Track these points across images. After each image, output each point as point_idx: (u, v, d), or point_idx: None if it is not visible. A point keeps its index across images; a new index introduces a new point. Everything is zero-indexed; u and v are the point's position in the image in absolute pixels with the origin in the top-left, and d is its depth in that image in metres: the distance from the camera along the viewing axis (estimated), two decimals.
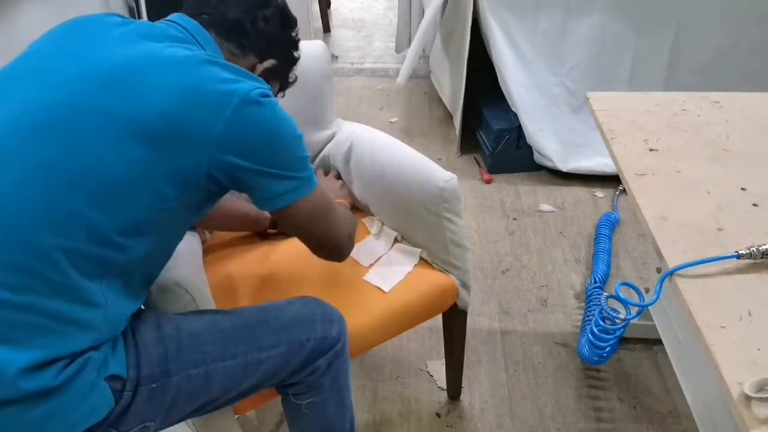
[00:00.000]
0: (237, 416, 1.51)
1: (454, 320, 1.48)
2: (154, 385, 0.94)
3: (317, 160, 1.59)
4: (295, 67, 1.17)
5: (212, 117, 0.89)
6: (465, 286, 1.40)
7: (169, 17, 1.06)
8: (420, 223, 1.38)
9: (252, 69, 1.05)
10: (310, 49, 1.54)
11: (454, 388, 1.62)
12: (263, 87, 0.95)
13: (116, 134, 0.86)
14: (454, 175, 1.32)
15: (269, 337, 1.04)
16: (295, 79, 1.19)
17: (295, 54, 1.16)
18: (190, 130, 0.88)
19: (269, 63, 1.08)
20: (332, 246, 1.09)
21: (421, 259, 1.40)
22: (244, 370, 1.02)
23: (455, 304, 1.42)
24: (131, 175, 0.87)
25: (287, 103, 1.47)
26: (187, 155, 0.89)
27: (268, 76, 1.08)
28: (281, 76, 1.15)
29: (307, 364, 1.08)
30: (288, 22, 1.12)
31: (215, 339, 1.01)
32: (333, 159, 1.57)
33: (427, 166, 1.36)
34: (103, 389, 0.89)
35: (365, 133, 1.54)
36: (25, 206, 0.83)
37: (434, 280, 1.36)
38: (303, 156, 1.01)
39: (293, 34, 1.14)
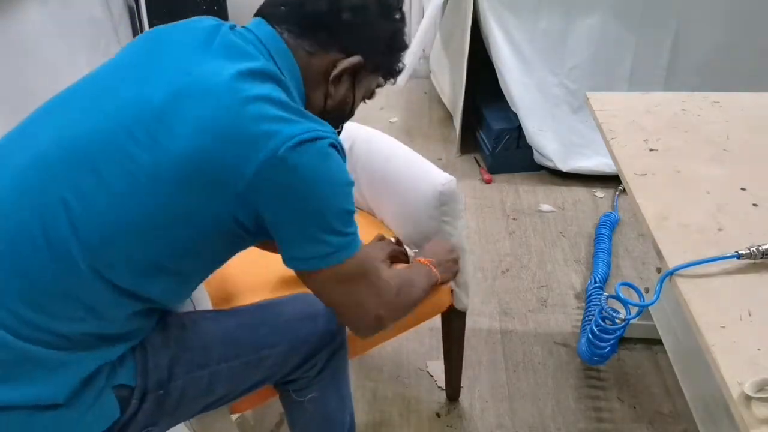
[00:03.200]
0: (237, 416, 1.51)
1: (453, 321, 1.47)
2: (161, 391, 0.92)
3: None
4: (394, 69, 1.02)
5: (243, 161, 0.80)
6: (463, 287, 1.40)
7: (250, 23, 0.95)
8: (419, 224, 1.38)
9: (332, 66, 0.93)
10: None
11: (453, 389, 1.62)
12: (321, 130, 0.85)
13: (140, 177, 0.81)
14: (453, 178, 1.32)
15: (271, 336, 1.03)
16: (388, 82, 1.04)
17: (395, 53, 1.00)
18: (218, 174, 0.81)
19: (355, 60, 0.93)
20: (349, 322, 1.01)
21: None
22: (247, 369, 1.01)
23: (453, 306, 1.41)
24: (156, 220, 0.82)
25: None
26: (215, 200, 0.82)
27: (349, 75, 0.96)
28: (367, 77, 0.99)
29: (308, 359, 1.07)
30: (386, 11, 0.96)
31: (219, 340, 0.99)
32: None
33: (425, 168, 1.36)
34: (110, 399, 0.87)
35: (365, 134, 1.54)
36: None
37: None
38: (345, 214, 0.89)
39: (394, 26, 0.98)
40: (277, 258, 0.94)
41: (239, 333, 1.01)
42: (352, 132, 1.56)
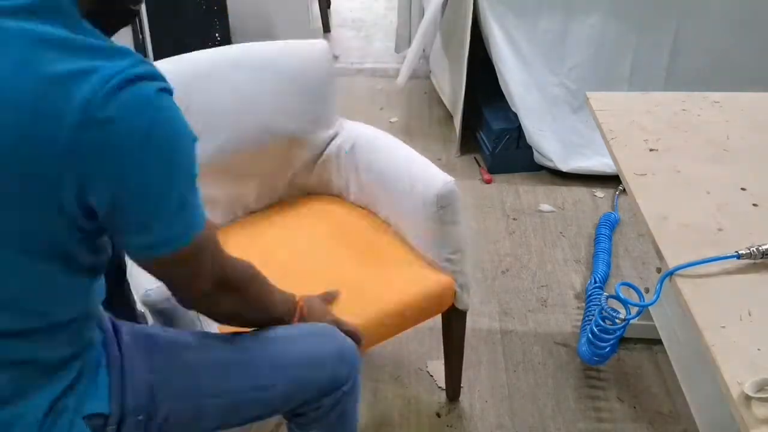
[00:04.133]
0: None
1: (454, 321, 1.47)
2: (140, 417, 0.86)
3: (321, 159, 1.59)
4: None
5: (52, 126, 0.64)
6: (464, 287, 1.40)
7: None
8: (419, 224, 1.38)
9: None
10: (311, 48, 1.54)
11: (453, 390, 1.62)
12: (137, 66, 0.68)
13: None
14: (452, 179, 1.32)
15: (270, 376, 0.96)
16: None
17: None
18: (30, 151, 0.64)
19: None
20: (181, 297, 0.89)
21: (423, 259, 1.40)
22: (238, 407, 0.95)
23: (454, 306, 1.41)
24: None
25: (290, 102, 1.50)
26: (32, 199, 0.67)
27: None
28: None
29: (311, 402, 1.01)
30: None
31: (209, 373, 0.92)
32: (336, 159, 1.57)
33: (425, 169, 1.36)
34: (81, 430, 0.81)
35: (367, 134, 1.54)
36: None
37: (433, 280, 1.36)
38: (192, 178, 0.75)
39: None
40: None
41: (233, 369, 0.94)
42: (355, 131, 1.56)
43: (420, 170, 1.37)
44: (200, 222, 0.78)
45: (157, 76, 0.70)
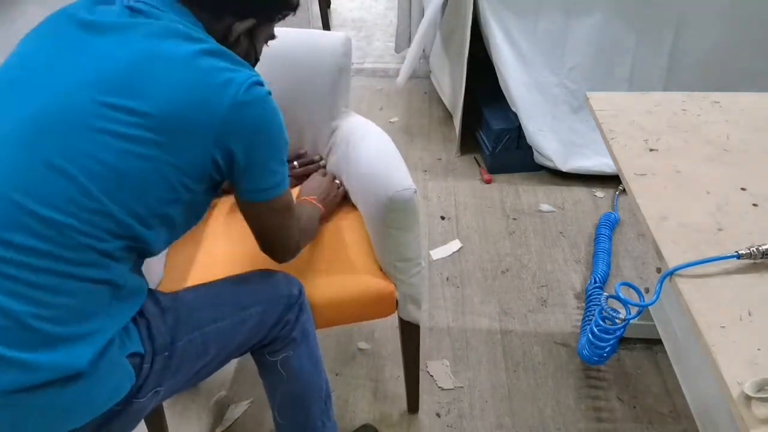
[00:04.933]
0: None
1: (406, 332, 1.45)
2: (166, 353, 1.02)
3: (325, 149, 1.61)
4: (288, 12, 1.13)
5: (215, 105, 0.94)
6: (410, 299, 1.37)
7: None
8: (372, 227, 1.38)
9: (229, 31, 1.05)
10: (330, 39, 1.55)
11: (410, 402, 1.59)
12: (257, 75, 1.00)
13: (129, 132, 0.91)
14: (413, 187, 1.27)
15: (248, 298, 1.16)
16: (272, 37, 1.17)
17: (278, 8, 1.11)
18: (196, 121, 0.94)
19: (249, 23, 1.06)
20: (278, 248, 1.16)
21: (375, 262, 1.39)
22: (233, 328, 1.12)
23: (401, 316, 1.40)
24: (145, 170, 0.93)
25: (300, 90, 1.53)
26: (196, 144, 0.95)
27: (248, 37, 1.08)
28: (264, 29, 1.12)
29: (279, 320, 1.18)
30: None
31: (205, 305, 1.12)
32: (336, 151, 1.58)
33: (390, 172, 1.32)
34: (126, 366, 0.95)
35: (363, 129, 1.54)
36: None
37: (371, 284, 1.33)
38: (286, 151, 1.07)
39: None
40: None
41: (221, 298, 1.15)
42: (355, 126, 1.56)
43: (384, 172, 1.33)
44: (288, 183, 1.08)
45: (263, 83, 1.00)
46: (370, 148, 1.46)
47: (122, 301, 0.97)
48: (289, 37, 1.55)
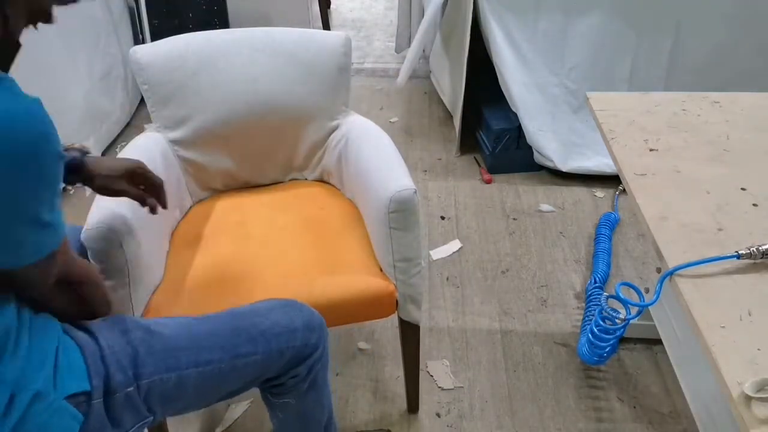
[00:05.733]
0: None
1: (405, 332, 1.45)
2: (130, 389, 0.91)
3: (323, 147, 1.62)
4: None
5: None
6: (410, 299, 1.36)
7: None
8: (373, 225, 1.38)
9: None
10: (330, 39, 1.57)
11: (410, 402, 1.59)
12: None
13: None
14: (413, 187, 1.28)
15: (246, 345, 1.01)
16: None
17: None
18: None
19: None
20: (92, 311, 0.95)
21: (375, 261, 1.39)
22: (219, 376, 1.00)
23: (401, 316, 1.39)
24: None
25: (301, 88, 1.54)
26: None
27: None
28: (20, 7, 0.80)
29: (286, 371, 1.07)
30: None
31: (189, 345, 0.98)
32: (334, 150, 1.59)
33: (394, 172, 1.33)
34: (65, 410, 0.84)
35: (363, 129, 1.55)
36: None
37: (371, 283, 1.33)
38: (56, 174, 0.78)
39: None
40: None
41: (211, 341, 1.00)
42: (353, 125, 1.57)
43: (388, 172, 1.34)
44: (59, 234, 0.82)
45: None
46: (370, 148, 1.46)
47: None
48: (289, 37, 1.57)
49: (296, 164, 1.65)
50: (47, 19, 0.84)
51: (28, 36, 0.89)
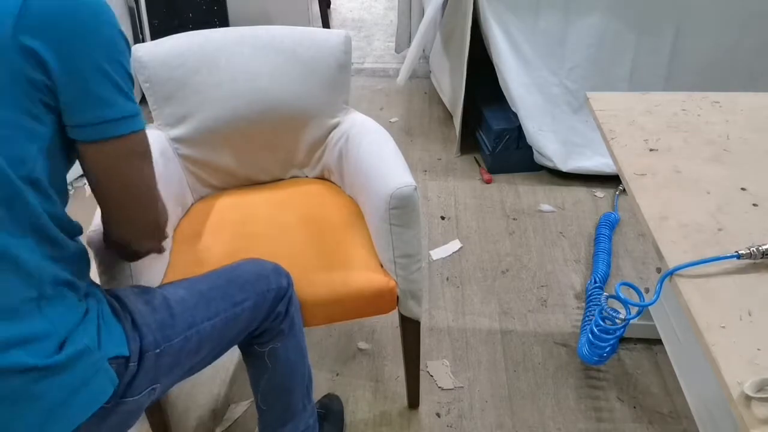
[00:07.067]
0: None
1: (406, 329, 1.45)
2: (158, 350, 0.98)
3: (323, 145, 1.62)
4: None
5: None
6: (411, 295, 1.37)
7: None
8: (374, 222, 1.38)
9: None
10: (330, 37, 1.57)
11: (411, 398, 1.60)
12: None
13: None
14: (413, 183, 1.29)
15: (240, 293, 1.13)
16: None
17: None
18: None
19: None
20: (136, 221, 0.98)
21: (376, 257, 1.39)
22: (227, 323, 1.11)
23: (401, 312, 1.40)
24: None
25: (301, 86, 1.55)
26: None
27: None
28: None
29: (270, 312, 1.18)
30: None
31: (198, 302, 1.07)
32: (335, 147, 1.59)
33: (393, 169, 1.34)
34: (107, 371, 0.90)
35: (364, 127, 1.56)
36: None
37: (373, 279, 1.33)
38: (128, 75, 0.85)
39: None
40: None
41: (213, 294, 1.10)
42: (354, 123, 1.57)
43: (388, 169, 1.34)
44: (141, 119, 0.88)
45: None
46: (371, 145, 1.47)
47: (50, 300, 0.86)
48: (290, 34, 1.57)
49: (297, 162, 1.65)
50: None
51: None
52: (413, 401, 1.60)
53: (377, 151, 1.44)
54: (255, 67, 1.53)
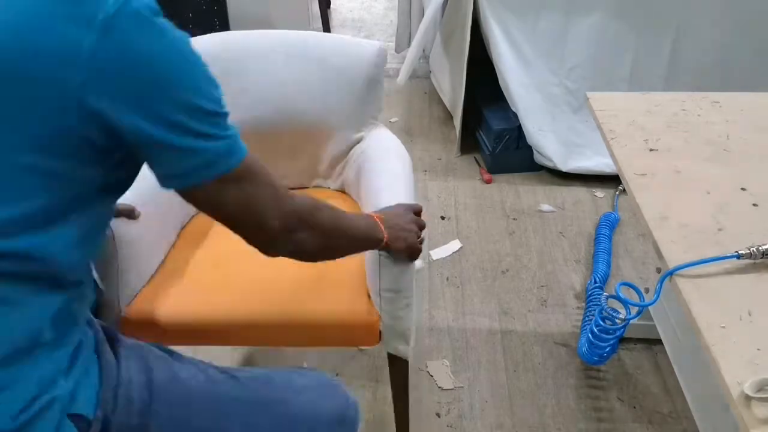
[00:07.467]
0: None
1: (393, 366, 1.36)
2: (124, 427, 0.82)
3: (345, 158, 1.56)
4: None
5: (76, 32, 0.63)
6: (399, 334, 1.25)
7: None
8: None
9: None
10: (364, 48, 1.51)
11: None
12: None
13: None
14: (419, 206, 1.21)
15: (266, 426, 0.91)
16: None
17: None
18: (42, 62, 0.62)
19: None
20: (254, 232, 0.86)
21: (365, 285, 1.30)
22: None
23: (386, 349, 1.31)
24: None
25: (330, 96, 1.50)
26: (44, 103, 0.64)
27: None
28: None
29: None
30: None
31: (208, 407, 0.88)
32: (355, 162, 1.55)
33: (392, 197, 1.26)
34: (67, 428, 0.76)
35: (379, 146, 1.50)
36: None
37: (352, 310, 1.24)
38: (219, 104, 0.75)
39: None
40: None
41: (232, 408, 0.89)
42: (377, 139, 1.53)
43: (390, 195, 1.27)
44: (240, 144, 0.80)
45: None
46: (381, 167, 1.41)
47: (50, 349, 0.75)
48: (321, 42, 1.52)
49: (320, 172, 1.61)
50: None
51: None
52: None
53: (387, 173, 1.38)
54: (284, 74, 1.47)
